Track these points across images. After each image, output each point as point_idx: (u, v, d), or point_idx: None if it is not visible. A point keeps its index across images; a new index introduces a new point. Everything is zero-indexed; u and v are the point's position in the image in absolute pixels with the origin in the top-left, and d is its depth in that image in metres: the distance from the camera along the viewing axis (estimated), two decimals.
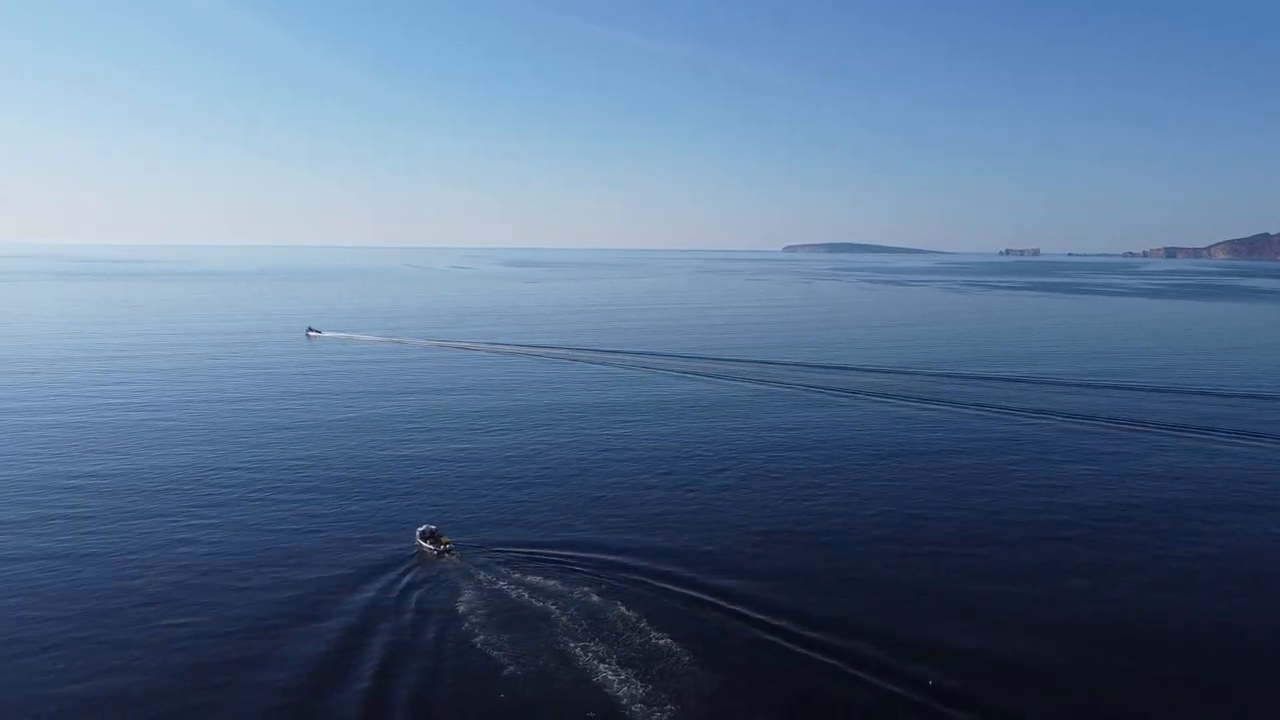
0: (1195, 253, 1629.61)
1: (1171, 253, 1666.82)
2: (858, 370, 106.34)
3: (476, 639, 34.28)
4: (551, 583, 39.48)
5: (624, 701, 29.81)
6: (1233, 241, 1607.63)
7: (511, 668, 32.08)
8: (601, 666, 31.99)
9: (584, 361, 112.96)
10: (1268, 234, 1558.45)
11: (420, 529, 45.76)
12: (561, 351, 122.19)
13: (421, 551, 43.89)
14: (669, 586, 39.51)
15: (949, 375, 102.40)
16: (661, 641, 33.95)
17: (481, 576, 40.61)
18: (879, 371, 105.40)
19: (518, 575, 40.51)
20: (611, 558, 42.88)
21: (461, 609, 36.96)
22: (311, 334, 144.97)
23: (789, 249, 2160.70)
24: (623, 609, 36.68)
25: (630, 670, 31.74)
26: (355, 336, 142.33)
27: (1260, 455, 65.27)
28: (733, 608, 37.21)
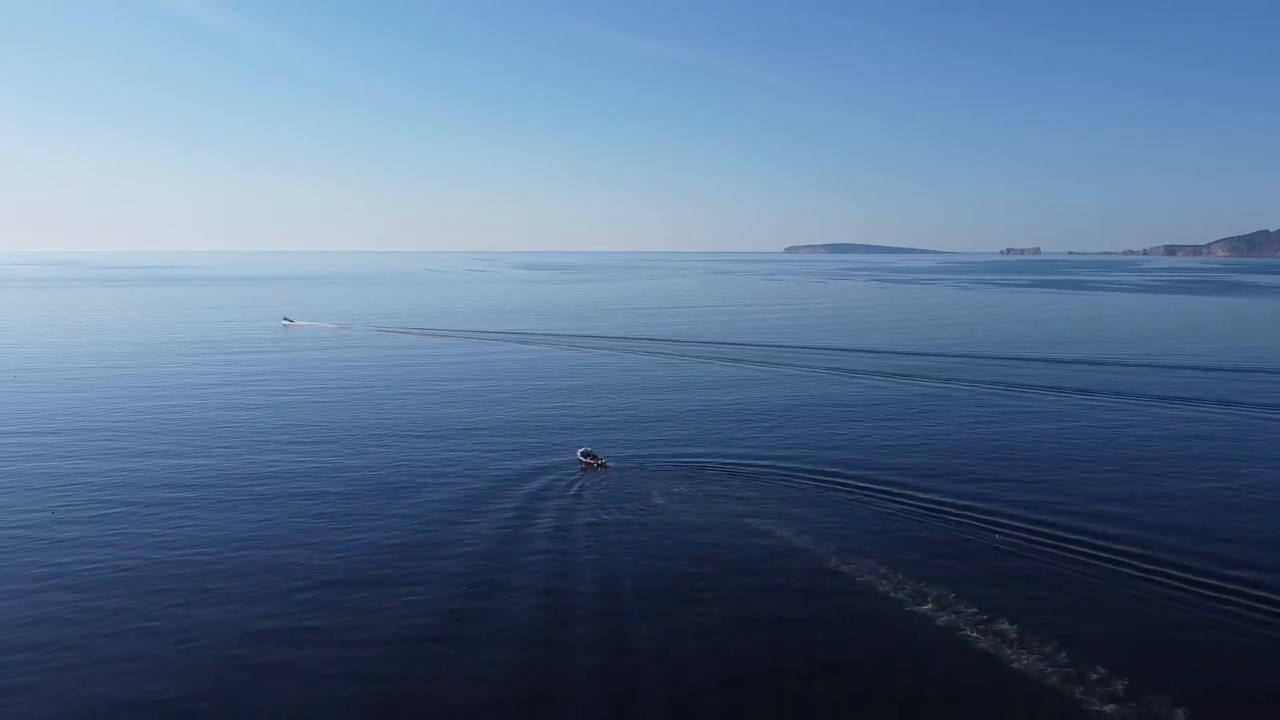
0: (1195, 250, 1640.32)
1: (1171, 250, 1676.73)
2: (916, 355, 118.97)
3: (676, 516, 46.23)
4: (713, 486, 51.53)
5: (800, 545, 42.12)
6: (1232, 239, 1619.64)
7: (720, 531, 43.91)
8: (778, 530, 44.25)
9: (642, 352, 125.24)
10: (1266, 231, 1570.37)
11: (579, 450, 57.42)
12: (618, 340, 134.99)
13: (585, 466, 55.29)
14: (807, 472, 53.03)
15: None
16: (811, 513, 46.45)
17: (649, 479, 52.71)
18: (939, 356, 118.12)
19: (683, 480, 52.72)
20: (754, 462, 56.13)
21: (657, 498, 49.00)
22: (286, 323, 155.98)
23: (790, 250, 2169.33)
24: (775, 496, 49.34)
25: (798, 527, 44.08)
26: (328, 327, 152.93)
27: None
28: (877, 489, 50.74)
